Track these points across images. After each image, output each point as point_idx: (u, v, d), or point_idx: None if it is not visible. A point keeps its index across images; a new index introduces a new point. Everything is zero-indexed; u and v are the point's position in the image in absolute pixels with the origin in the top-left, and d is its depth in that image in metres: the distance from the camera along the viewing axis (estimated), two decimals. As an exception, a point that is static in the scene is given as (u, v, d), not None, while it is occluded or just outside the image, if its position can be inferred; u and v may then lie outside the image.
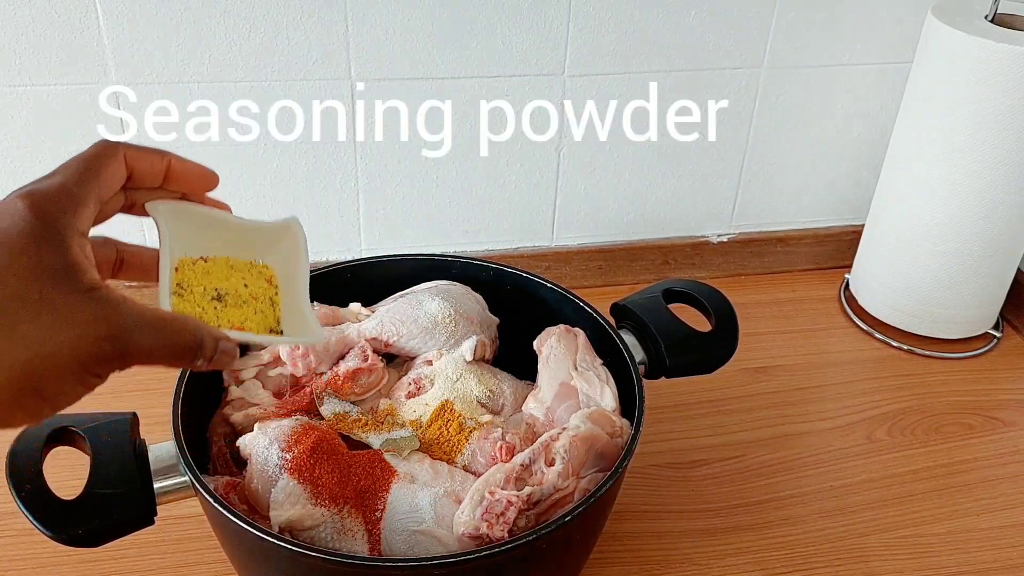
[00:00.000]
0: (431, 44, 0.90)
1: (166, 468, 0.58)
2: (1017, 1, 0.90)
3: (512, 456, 0.61)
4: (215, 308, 0.45)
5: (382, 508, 0.59)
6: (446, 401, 0.66)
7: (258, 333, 0.45)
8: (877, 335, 1.02)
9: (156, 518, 0.57)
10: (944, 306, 0.98)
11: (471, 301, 0.75)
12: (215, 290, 0.45)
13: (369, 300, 0.76)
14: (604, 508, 0.65)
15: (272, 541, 0.53)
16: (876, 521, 0.78)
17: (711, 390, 0.91)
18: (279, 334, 0.47)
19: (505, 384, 0.71)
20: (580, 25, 0.92)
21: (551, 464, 0.60)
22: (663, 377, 0.72)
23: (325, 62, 0.89)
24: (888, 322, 1.02)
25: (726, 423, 0.88)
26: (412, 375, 0.69)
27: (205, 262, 0.45)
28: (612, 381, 0.69)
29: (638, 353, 0.71)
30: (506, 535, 0.56)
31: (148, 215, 0.44)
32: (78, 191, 0.39)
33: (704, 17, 0.94)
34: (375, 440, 0.63)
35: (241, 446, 0.62)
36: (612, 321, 0.74)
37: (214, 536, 0.63)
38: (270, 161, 0.93)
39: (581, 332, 0.73)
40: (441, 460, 0.63)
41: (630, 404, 0.66)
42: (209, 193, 0.47)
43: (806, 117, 1.04)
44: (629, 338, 0.72)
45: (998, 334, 1.02)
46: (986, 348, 1.01)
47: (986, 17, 0.89)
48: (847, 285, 1.09)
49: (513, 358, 0.75)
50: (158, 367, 0.39)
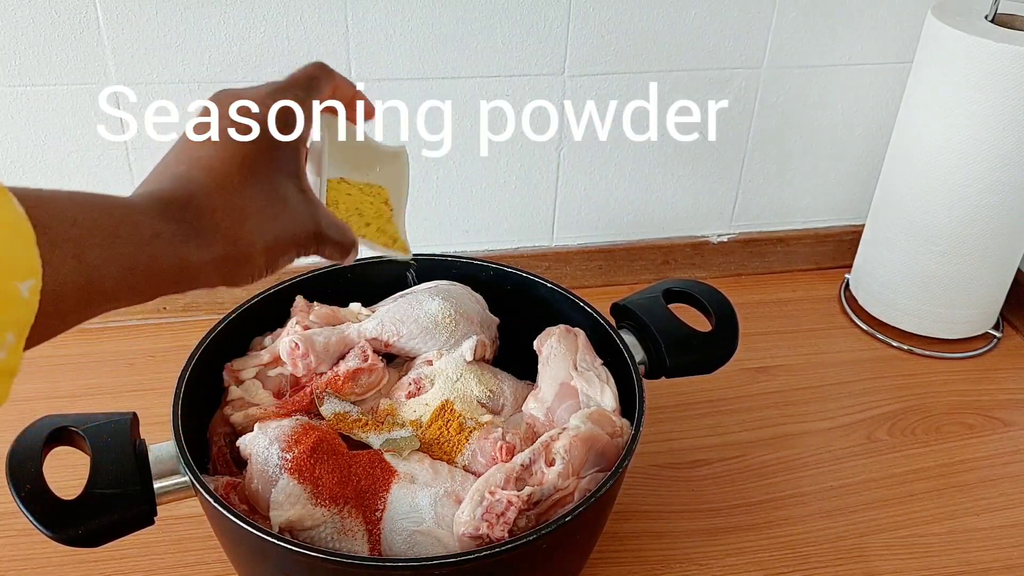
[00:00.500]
0: (431, 44, 0.90)
1: (166, 468, 0.58)
2: (1017, 1, 0.90)
3: (512, 456, 0.61)
4: (353, 219, 0.55)
5: (382, 508, 0.59)
6: (446, 401, 0.66)
7: (381, 244, 0.56)
8: (877, 335, 1.02)
9: (156, 518, 0.57)
10: (944, 306, 0.98)
11: (471, 301, 0.75)
12: (356, 208, 0.55)
13: (369, 300, 0.76)
14: (604, 508, 0.65)
15: (272, 541, 0.53)
16: (876, 521, 0.78)
17: (711, 390, 0.91)
18: (392, 247, 0.58)
19: (505, 384, 0.71)
20: (580, 25, 0.92)
21: (551, 464, 0.60)
22: (663, 377, 0.72)
23: (325, 62, 0.89)
24: (888, 322, 1.02)
25: (726, 423, 0.88)
26: (412, 375, 0.69)
27: (347, 184, 0.55)
28: (612, 381, 0.69)
29: (638, 353, 0.71)
30: (506, 535, 0.56)
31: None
32: (307, 105, 0.47)
33: (704, 17, 0.94)
34: (375, 440, 0.63)
35: (241, 446, 0.62)
36: (612, 321, 0.74)
37: (214, 536, 0.63)
38: (270, 161, 0.93)
39: (581, 332, 0.73)
40: (441, 460, 0.63)
41: (630, 404, 0.66)
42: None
43: (806, 117, 1.04)
44: (629, 338, 0.72)
45: (998, 334, 1.02)
46: (986, 348, 1.01)
47: (986, 17, 0.89)
48: (847, 285, 1.09)
49: (513, 358, 0.74)
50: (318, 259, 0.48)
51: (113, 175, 0.90)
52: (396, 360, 0.73)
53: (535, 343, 0.73)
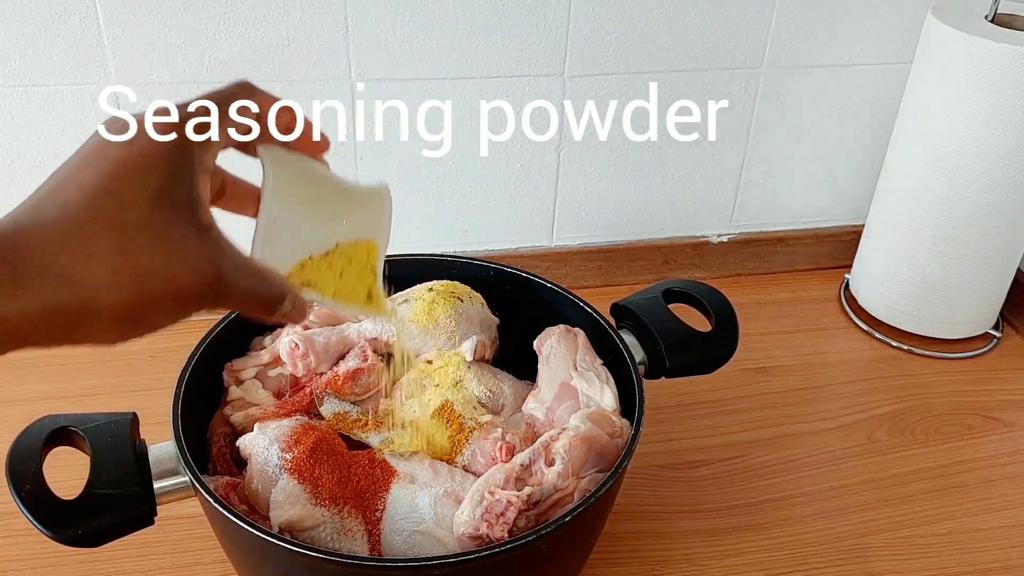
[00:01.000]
0: (431, 44, 0.90)
1: (166, 468, 0.58)
2: (1017, 1, 0.90)
3: (512, 456, 0.61)
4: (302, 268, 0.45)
5: (382, 508, 0.59)
6: (446, 401, 0.66)
7: (327, 296, 0.46)
8: (877, 335, 1.02)
9: (156, 518, 0.57)
10: (944, 306, 0.98)
11: (471, 301, 0.75)
12: (326, 250, 0.46)
13: (369, 300, 0.76)
14: (604, 508, 0.65)
15: (272, 541, 0.53)
16: (876, 521, 0.78)
17: (711, 390, 0.91)
18: (351, 302, 0.48)
19: (505, 384, 0.71)
20: (580, 25, 0.92)
21: (551, 464, 0.60)
22: (663, 377, 0.72)
23: (325, 62, 0.89)
24: (888, 322, 1.02)
25: (726, 423, 0.88)
26: (412, 375, 0.69)
27: (313, 262, 0.46)
28: (612, 381, 0.69)
29: (638, 353, 0.71)
30: (506, 535, 0.56)
31: (256, 156, 0.44)
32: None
33: (704, 17, 0.94)
34: (375, 440, 0.63)
35: (241, 446, 0.62)
36: (612, 321, 0.74)
37: (214, 536, 0.63)
38: (270, 161, 0.93)
39: (581, 332, 0.73)
40: (441, 460, 0.63)
41: (630, 404, 0.66)
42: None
43: (806, 117, 1.04)
44: (629, 338, 0.72)
45: (998, 334, 1.02)
46: (986, 348, 1.01)
47: (986, 17, 0.89)
48: (847, 285, 1.09)
49: (513, 358, 0.74)
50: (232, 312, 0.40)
51: (113, 175, 0.90)
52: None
53: (535, 343, 0.73)
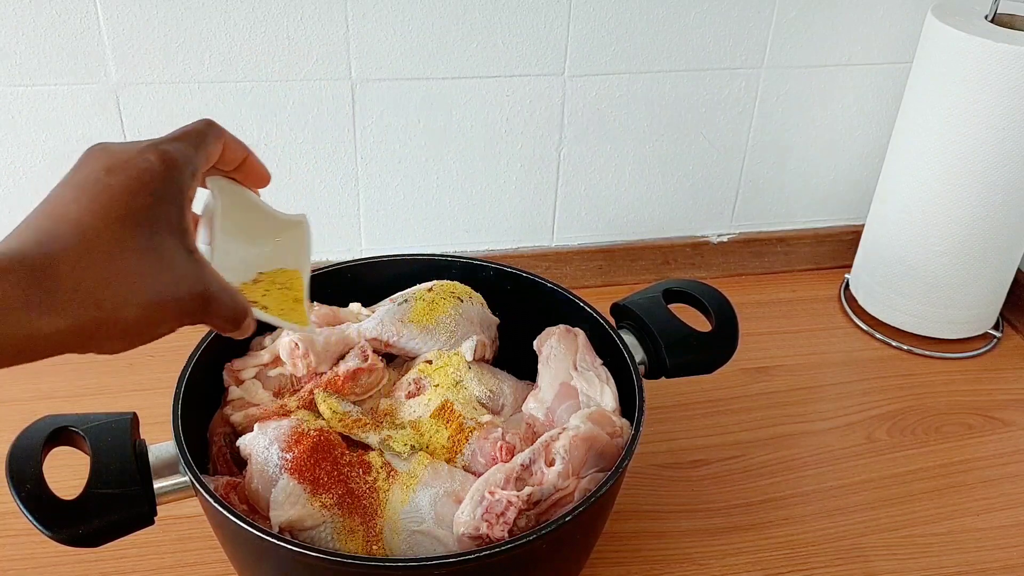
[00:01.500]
0: (431, 44, 0.90)
1: (166, 468, 0.58)
2: (1017, 1, 0.90)
3: (512, 456, 0.61)
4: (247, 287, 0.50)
5: (382, 508, 0.59)
6: (446, 401, 0.66)
7: (273, 315, 0.50)
8: (877, 335, 1.02)
9: (156, 518, 0.57)
10: (944, 306, 0.98)
11: (471, 301, 0.75)
12: (257, 273, 0.51)
13: (369, 300, 0.76)
14: (604, 508, 0.65)
15: (272, 541, 0.53)
16: (876, 521, 0.78)
17: (711, 390, 0.91)
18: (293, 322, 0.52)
19: (505, 384, 0.71)
20: (580, 25, 0.92)
21: (551, 464, 0.60)
22: (663, 377, 0.72)
23: (325, 62, 0.89)
24: (888, 322, 1.02)
25: (726, 423, 0.88)
26: (412, 375, 0.69)
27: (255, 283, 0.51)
28: (612, 381, 0.69)
29: (638, 353, 0.71)
30: (506, 535, 0.56)
31: (203, 186, 0.47)
32: (197, 160, 0.42)
33: (704, 17, 0.94)
34: (375, 440, 0.63)
35: (241, 446, 0.62)
36: (612, 321, 0.74)
37: (214, 536, 0.63)
38: (270, 161, 0.93)
39: (581, 332, 0.73)
40: (441, 460, 0.63)
41: (630, 404, 0.66)
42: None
43: (806, 117, 1.04)
44: (629, 338, 0.72)
45: (998, 334, 1.02)
46: (986, 348, 1.01)
47: (986, 17, 0.89)
48: (847, 285, 1.09)
49: (513, 358, 0.75)
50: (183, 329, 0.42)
51: (113, 175, 0.90)
52: (396, 360, 0.73)
53: (535, 343, 0.73)
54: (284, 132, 0.92)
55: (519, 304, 0.77)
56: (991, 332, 1.02)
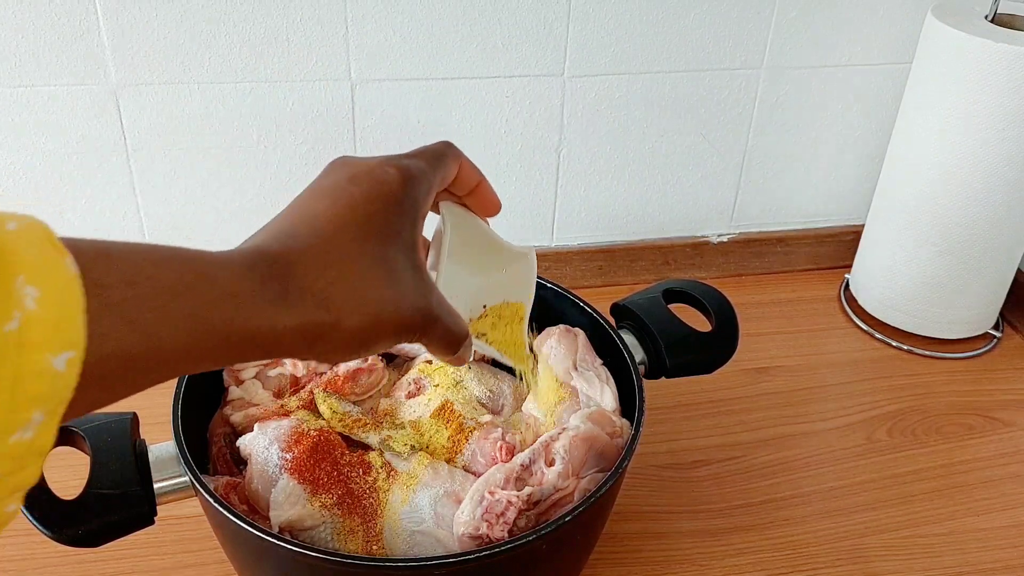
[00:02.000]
0: (431, 44, 0.90)
1: (166, 468, 0.58)
2: (1017, 1, 0.90)
3: (512, 456, 0.61)
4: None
5: (382, 508, 0.59)
6: (446, 401, 0.66)
7: (495, 348, 0.51)
8: (877, 335, 1.02)
9: (156, 518, 0.57)
10: (944, 306, 0.98)
11: (471, 301, 0.75)
12: (483, 307, 0.51)
13: (369, 300, 0.76)
14: (604, 508, 0.65)
15: (272, 541, 0.53)
16: (876, 521, 0.78)
17: (711, 390, 0.91)
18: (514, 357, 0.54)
19: (505, 384, 0.71)
20: (580, 25, 0.92)
21: (551, 464, 0.60)
22: (663, 377, 0.72)
23: (325, 62, 0.89)
24: (888, 322, 1.02)
25: (726, 423, 0.88)
26: (412, 375, 0.69)
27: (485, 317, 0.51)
28: (612, 381, 0.69)
29: (638, 353, 0.71)
30: (506, 535, 0.56)
31: (436, 211, 0.48)
32: (432, 178, 0.43)
33: (704, 17, 0.94)
34: (375, 440, 0.63)
35: (241, 446, 0.62)
36: (612, 321, 0.74)
37: (214, 536, 0.63)
38: (270, 162, 0.93)
39: (581, 332, 0.73)
40: (441, 460, 0.63)
41: (630, 404, 0.66)
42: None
43: (806, 117, 1.04)
44: (629, 338, 0.72)
45: (998, 334, 1.02)
46: (986, 348, 1.01)
47: (986, 17, 0.89)
48: (847, 285, 1.09)
49: (513, 358, 0.74)
50: (429, 346, 0.43)
51: (113, 176, 0.90)
52: (396, 360, 0.73)
53: (535, 343, 0.73)
54: (284, 132, 0.92)
55: (519, 304, 0.77)
56: (991, 332, 1.02)
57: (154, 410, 0.65)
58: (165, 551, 0.72)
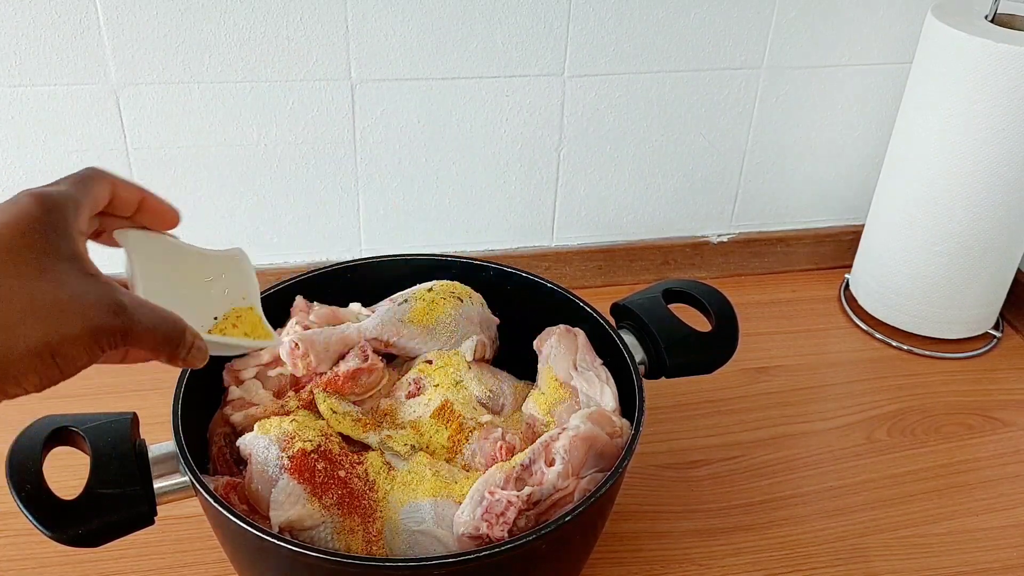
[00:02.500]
0: (431, 44, 0.90)
1: (166, 468, 0.58)
2: (1017, 1, 0.90)
3: (512, 456, 0.61)
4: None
5: (382, 508, 0.59)
6: (446, 401, 0.66)
7: (236, 336, 0.50)
8: (877, 335, 1.02)
9: (156, 518, 0.57)
10: (944, 306, 0.98)
11: (471, 301, 0.75)
12: (212, 320, 0.51)
13: (369, 300, 0.76)
14: (604, 508, 0.65)
15: (272, 541, 0.53)
16: (876, 521, 0.78)
17: (711, 390, 0.91)
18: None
19: (505, 384, 0.71)
20: (580, 25, 0.92)
21: (551, 464, 0.60)
22: (663, 377, 0.72)
23: (325, 62, 0.89)
24: (888, 322, 1.02)
25: (726, 423, 0.88)
26: (412, 375, 0.69)
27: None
28: (612, 381, 0.69)
29: (638, 353, 0.71)
30: (506, 535, 0.56)
31: (115, 244, 0.47)
32: (78, 196, 0.42)
33: (704, 17, 0.94)
34: (375, 440, 0.63)
35: (241, 446, 0.62)
36: (612, 321, 0.74)
37: (214, 536, 0.63)
38: (270, 161, 0.93)
39: (581, 332, 0.73)
40: (441, 460, 0.63)
41: (630, 404, 0.66)
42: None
43: (806, 117, 1.04)
44: (629, 338, 0.72)
45: (998, 334, 1.02)
46: (986, 348, 1.01)
47: (986, 17, 0.89)
48: (847, 285, 1.09)
49: (513, 358, 0.74)
50: (148, 358, 0.43)
51: (113, 175, 0.90)
52: (396, 360, 0.73)
53: (535, 343, 0.73)
54: (284, 132, 0.92)
55: (519, 304, 0.77)
56: (991, 332, 1.02)
57: (154, 410, 0.65)
58: (165, 551, 0.72)
